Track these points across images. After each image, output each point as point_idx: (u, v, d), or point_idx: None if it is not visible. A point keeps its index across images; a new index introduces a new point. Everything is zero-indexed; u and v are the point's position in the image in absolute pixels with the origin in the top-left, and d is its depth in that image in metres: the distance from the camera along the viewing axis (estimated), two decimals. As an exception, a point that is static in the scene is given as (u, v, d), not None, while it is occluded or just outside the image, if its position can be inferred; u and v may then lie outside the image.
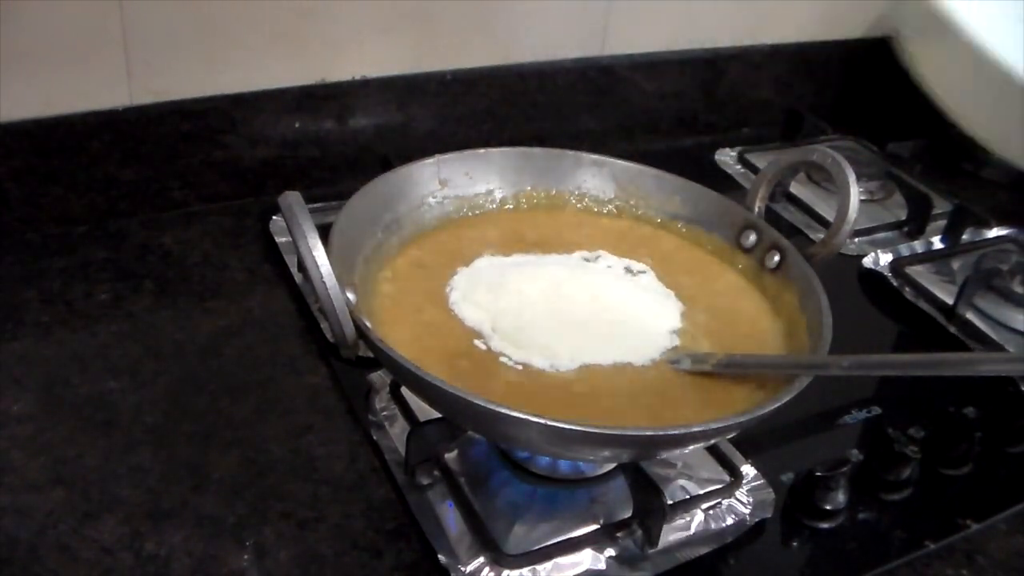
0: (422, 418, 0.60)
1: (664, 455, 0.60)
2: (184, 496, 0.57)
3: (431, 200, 0.68)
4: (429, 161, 0.68)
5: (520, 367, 0.57)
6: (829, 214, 0.91)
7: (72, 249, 0.77)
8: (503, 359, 0.57)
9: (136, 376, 0.65)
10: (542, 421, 0.47)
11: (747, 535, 0.59)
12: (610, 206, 0.73)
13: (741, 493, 0.62)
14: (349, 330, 0.51)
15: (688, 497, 0.60)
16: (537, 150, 0.72)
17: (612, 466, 0.61)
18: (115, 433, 0.60)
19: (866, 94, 1.22)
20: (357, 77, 0.87)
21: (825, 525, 0.61)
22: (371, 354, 0.54)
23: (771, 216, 0.71)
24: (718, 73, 1.09)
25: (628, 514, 0.58)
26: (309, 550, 0.55)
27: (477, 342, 0.58)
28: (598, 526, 0.58)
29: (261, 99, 0.83)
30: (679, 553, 0.57)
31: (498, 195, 0.71)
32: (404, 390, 0.64)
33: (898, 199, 1.01)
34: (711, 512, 0.60)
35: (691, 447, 0.59)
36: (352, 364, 0.66)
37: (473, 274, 0.63)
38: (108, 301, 0.71)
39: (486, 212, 0.70)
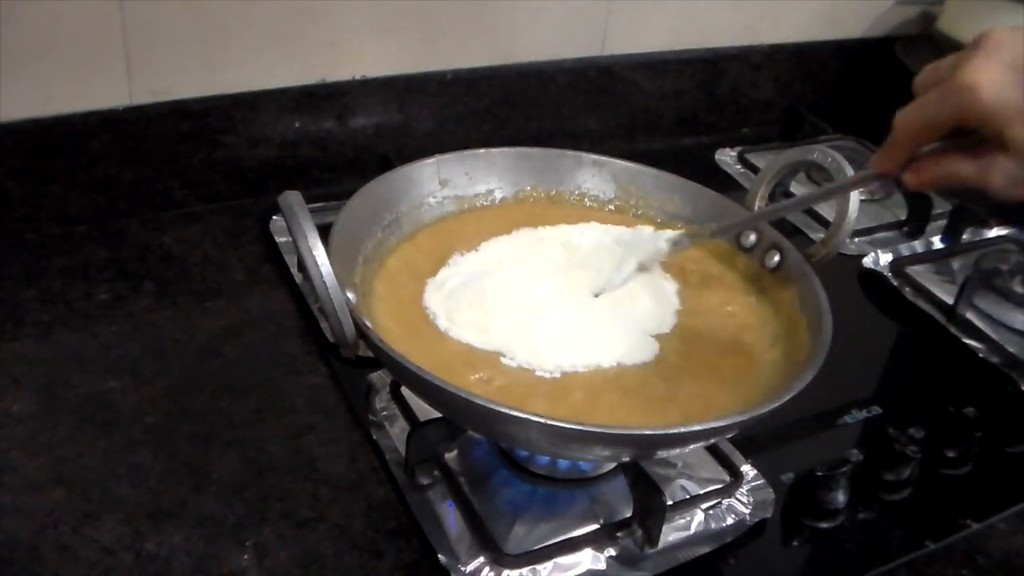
0: (422, 418, 0.60)
1: (664, 455, 0.60)
2: (184, 496, 0.57)
3: (431, 200, 0.68)
4: (429, 161, 0.68)
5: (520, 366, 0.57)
6: (829, 214, 0.91)
7: (72, 249, 0.77)
8: (504, 360, 0.57)
9: (136, 376, 0.65)
10: (542, 421, 0.47)
11: (747, 535, 0.59)
12: (610, 206, 0.73)
13: (741, 493, 0.62)
14: (349, 330, 0.51)
15: (688, 497, 0.60)
16: (537, 150, 0.72)
17: (612, 466, 0.61)
18: (115, 433, 0.60)
19: (866, 94, 1.22)
20: (357, 77, 0.87)
21: (825, 525, 0.61)
22: (371, 354, 0.54)
23: (771, 216, 0.71)
24: (718, 73, 1.09)
25: (628, 514, 0.58)
26: (309, 550, 0.55)
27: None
28: (598, 526, 0.58)
29: (261, 99, 0.83)
30: (679, 553, 0.57)
31: (498, 195, 0.71)
32: (404, 390, 0.64)
33: (898, 199, 1.01)
34: (711, 512, 0.60)
35: (691, 447, 0.59)
36: (352, 364, 0.66)
37: (449, 293, 0.62)
38: (108, 301, 0.71)
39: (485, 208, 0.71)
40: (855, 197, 0.62)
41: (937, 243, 0.94)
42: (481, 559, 0.54)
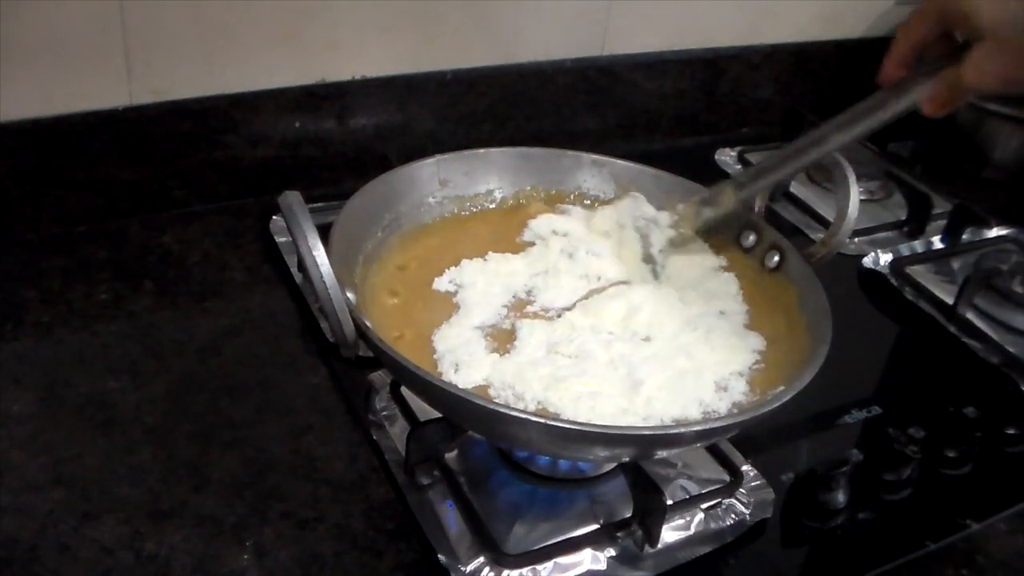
0: (422, 418, 0.61)
1: (664, 455, 0.60)
2: (184, 496, 0.57)
3: (431, 200, 0.68)
4: (429, 161, 0.68)
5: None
6: (829, 214, 0.91)
7: (72, 249, 0.77)
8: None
9: (136, 376, 0.65)
10: (542, 421, 0.47)
11: (747, 535, 0.59)
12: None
13: (741, 493, 0.62)
14: (349, 330, 0.51)
15: (688, 497, 0.60)
16: (537, 150, 0.72)
17: (612, 466, 0.61)
18: (115, 433, 0.60)
19: (866, 94, 1.22)
20: (357, 77, 0.87)
21: (825, 525, 0.61)
22: (371, 354, 0.54)
23: (771, 216, 0.71)
24: (718, 73, 1.09)
25: (628, 514, 0.58)
26: (309, 550, 0.55)
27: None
28: (598, 526, 0.58)
29: (261, 99, 0.83)
30: (679, 553, 0.57)
31: (498, 195, 0.71)
32: (404, 390, 0.64)
33: (898, 199, 1.01)
34: (711, 512, 0.60)
35: (691, 447, 0.59)
36: (352, 364, 0.66)
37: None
38: (108, 301, 0.71)
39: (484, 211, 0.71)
40: (855, 197, 0.62)
41: (937, 243, 0.94)
42: (481, 559, 0.54)
